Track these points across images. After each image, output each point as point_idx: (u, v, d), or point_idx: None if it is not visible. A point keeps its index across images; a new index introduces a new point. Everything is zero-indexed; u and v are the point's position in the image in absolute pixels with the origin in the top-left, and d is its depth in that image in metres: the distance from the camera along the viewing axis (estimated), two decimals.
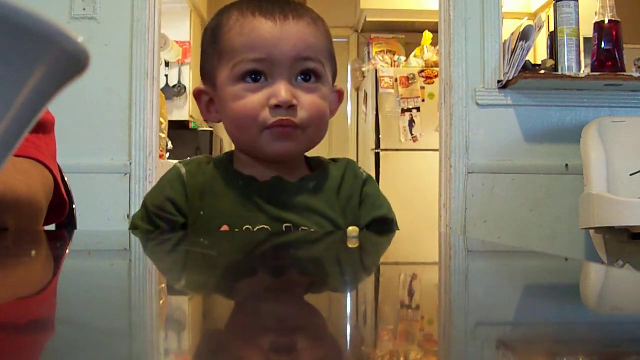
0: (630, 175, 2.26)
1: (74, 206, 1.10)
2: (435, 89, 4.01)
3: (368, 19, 4.82)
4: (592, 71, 2.43)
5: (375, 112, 4.25)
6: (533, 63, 2.56)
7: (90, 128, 2.42)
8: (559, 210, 2.50)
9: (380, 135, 4.22)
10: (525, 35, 2.41)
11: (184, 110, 4.41)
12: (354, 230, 0.73)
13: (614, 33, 2.40)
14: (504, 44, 2.51)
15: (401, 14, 4.66)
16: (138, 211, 0.91)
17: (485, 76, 2.50)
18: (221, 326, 0.30)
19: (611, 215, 2.15)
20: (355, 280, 0.46)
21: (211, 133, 4.43)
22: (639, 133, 2.35)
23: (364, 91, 4.62)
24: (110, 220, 2.39)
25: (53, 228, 1.01)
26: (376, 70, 4.30)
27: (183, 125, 4.37)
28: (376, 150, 4.22)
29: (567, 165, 2.49)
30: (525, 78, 2.38)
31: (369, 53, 4.93)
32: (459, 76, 2.50)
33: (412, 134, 4.20)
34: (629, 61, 2.55)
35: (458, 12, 2.50)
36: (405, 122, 4.21)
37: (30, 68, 0.26)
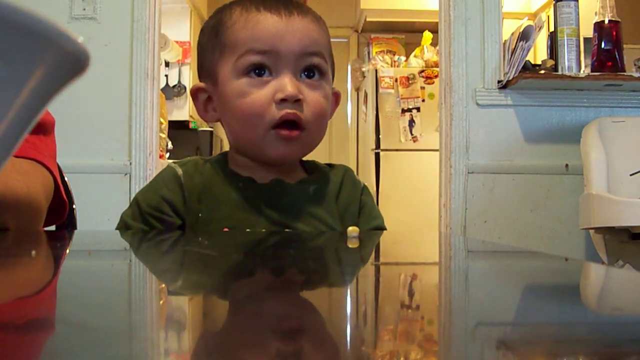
0: (630, 175, 2.26)
1: (74, 206, 1.10)
2: (435, 89, 4.01)
3: (368, 19, 4.82)
4: (592, 71, 2.43)
5: (375, 112, 4.25)
6: (533, 63, 2.56)
7: (90, 128, 2.42)
8: (559, 210, 2.50)
9: (380, 135, 4.22)
10: (525, 35, 2.41)
11: (184, 110, 4.41)
12: (354, 230, 0.73)
13: (614, 33, 2.40)
14: (504, 44, 2.51)
15: (401, 14, 4.66)
16: (127, 209, 0.87)
17: (485, 76, 2.50)
18: (221, 326, 0.30)
19: (611, 215, 2.15)
20: (355, 280, 0.46)
21: (211, 133, 4.43)
22: (639, 133, 2.35)
23: (364, 91, 4.63)
24: (110, 220, 2.37)
25: (53, 229, 1.01)
26: (376, 70, 4.31)
27: (183, 125, 4.37)
28: (376, 150, 4.22)
29: (567, 165, 2.49)
30: (525, 78, 2.38)
31: (368, 53, 4.93)
32: (459, 76, 2.50)
33: (412, 134, 4.20)
34: (629, 61, 2.55)
35: (458, 12, 2.50)
36: (405, 122, 4.21)
37: (30, 68, 0.26)
